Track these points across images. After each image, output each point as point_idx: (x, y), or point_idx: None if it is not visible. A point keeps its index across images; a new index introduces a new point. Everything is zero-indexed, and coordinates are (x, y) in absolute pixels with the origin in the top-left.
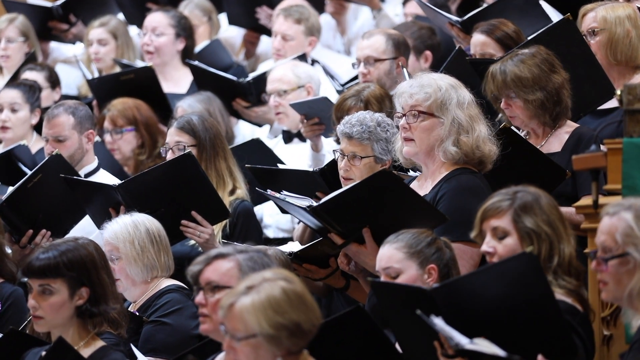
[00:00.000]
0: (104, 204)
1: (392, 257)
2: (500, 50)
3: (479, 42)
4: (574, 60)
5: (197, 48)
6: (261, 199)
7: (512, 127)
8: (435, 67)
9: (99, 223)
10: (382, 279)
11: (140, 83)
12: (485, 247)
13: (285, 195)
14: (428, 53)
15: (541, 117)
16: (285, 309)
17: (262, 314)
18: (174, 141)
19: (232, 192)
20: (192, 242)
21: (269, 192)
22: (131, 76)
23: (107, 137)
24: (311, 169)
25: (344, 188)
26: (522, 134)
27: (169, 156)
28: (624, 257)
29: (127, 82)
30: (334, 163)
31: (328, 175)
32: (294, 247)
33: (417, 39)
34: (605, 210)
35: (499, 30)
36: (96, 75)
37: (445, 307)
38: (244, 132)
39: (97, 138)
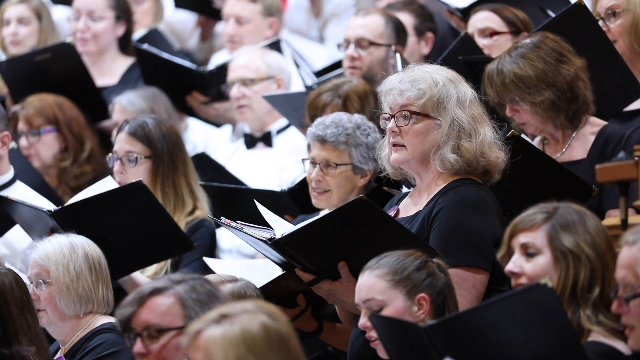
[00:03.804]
0: (37, 228)
1: (373, 287)
2: (504, 26)
3: (479, 18)
4: (589, 54)
5: (135, 35)
6: None
7: (522, 135)
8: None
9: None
10: (363, 314)
11: (61, 67)
12: (510, 266)
13: (242, 224)
14: (430, 35)
15: (555, 119)
16: (262, 349)
17: (232, 350)
18: (124, 150)
19: (191, 212)
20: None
21: (223, 220)
22: (47, 55)
23: (22, 141)
24: (278, 189)
25: (313, 219)
26: (537, 141)
27: (117, 167)
28: None
29: (44, 64)
30: (306, 181)
31: (299, 195)
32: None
33: (419, 18)
34: (624, 238)
35: (509, 11)
36: None
37: (445, 349)
38: (194, 139)
39: (13, 144)
